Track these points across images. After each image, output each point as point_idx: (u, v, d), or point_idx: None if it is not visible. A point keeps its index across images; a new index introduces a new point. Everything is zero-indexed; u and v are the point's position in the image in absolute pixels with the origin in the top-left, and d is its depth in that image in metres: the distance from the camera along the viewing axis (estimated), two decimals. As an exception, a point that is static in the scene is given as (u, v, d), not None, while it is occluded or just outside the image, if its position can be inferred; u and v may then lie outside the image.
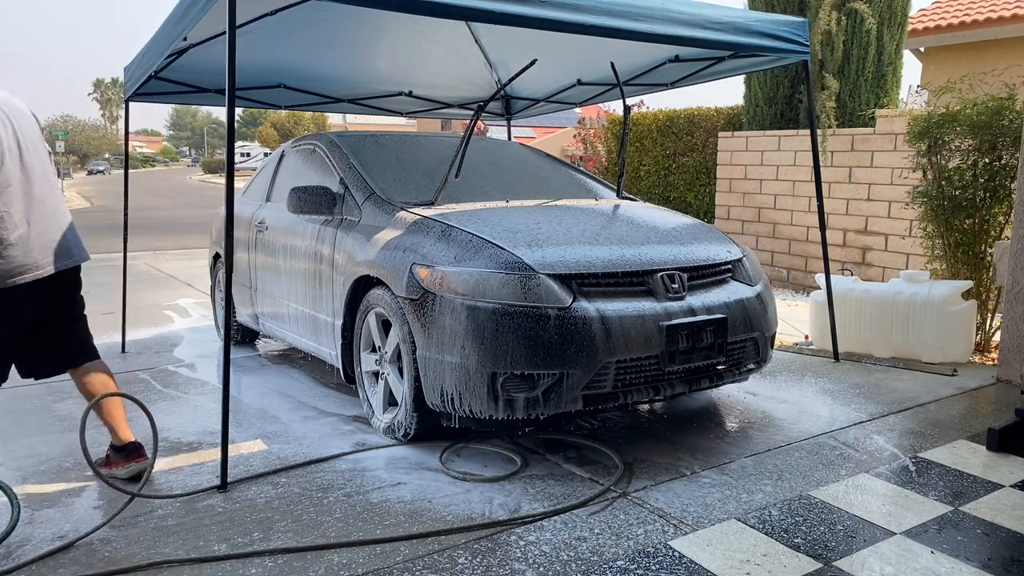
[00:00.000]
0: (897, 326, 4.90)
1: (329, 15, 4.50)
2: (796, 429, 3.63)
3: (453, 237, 3.32)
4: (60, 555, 2.48)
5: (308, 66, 5.62)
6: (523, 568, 2.38)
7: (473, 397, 3.05)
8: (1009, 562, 2.41)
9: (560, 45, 5.04)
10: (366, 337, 3.68)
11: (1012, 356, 4.34)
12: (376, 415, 3.64)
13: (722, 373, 3.46)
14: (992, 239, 5.08)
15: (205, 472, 3.16)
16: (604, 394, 3.13)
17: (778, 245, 8.11)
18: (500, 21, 3.36)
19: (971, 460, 3.24)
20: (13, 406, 4.03)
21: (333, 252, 3.86)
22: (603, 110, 16.69)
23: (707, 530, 2.61)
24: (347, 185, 4.03)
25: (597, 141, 13.53)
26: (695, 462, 3.23)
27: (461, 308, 3.06)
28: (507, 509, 2.79)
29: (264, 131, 57.54)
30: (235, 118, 3.02)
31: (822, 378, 4.51)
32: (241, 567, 2.40)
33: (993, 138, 4.90)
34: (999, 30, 10.57)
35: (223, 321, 3.66)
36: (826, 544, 2.52)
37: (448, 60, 5.89)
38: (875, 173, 7.08)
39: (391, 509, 2.80)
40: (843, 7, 7.69)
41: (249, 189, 5.40)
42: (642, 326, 3.12)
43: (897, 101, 8.13)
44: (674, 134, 10.55)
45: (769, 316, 3.65)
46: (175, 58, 4.80)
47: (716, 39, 4.02)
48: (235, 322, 5.42)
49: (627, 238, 3.47)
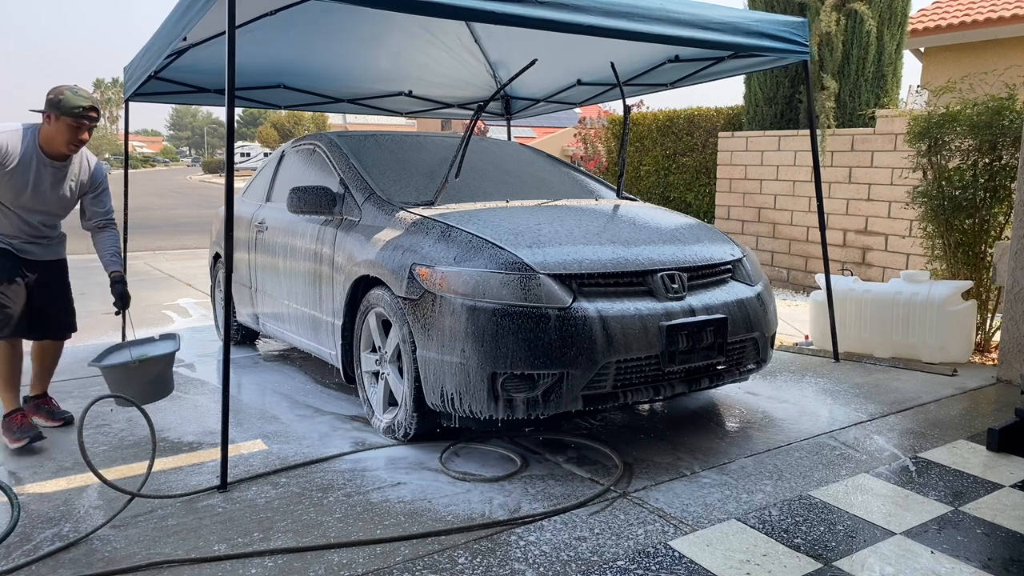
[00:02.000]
0: (897, 326, 4.90)
1: (329, 15, 4.50)
2: (796, 429, 3.63)
3: (453, 237, 3.32)
4: (60, 555, 2.48)
5: (308, 66, 5.62)
6: (523, 568, 2.38)
7: (473, 397, 3.05)
8: (1009, 562, 2.41)
9: (560, 45, 5.05)
10: (366, 337, 3.68)
11: (1012, 356, 4.34)
12: (376, 415, 3.64)
13: (722, 373, 3.46)
14: (992, 239, 5.08)
15: (205, 472, 3.16)
16: (604, 394, 3.13)
17: (778, 245, 8.11)
18: (500, 21, 3.36)
19: (971, 460, 3.24)
20: (13, 406, 4.03)
21: (333, 252, 3.86)
22: (603, 110, 16.69)
23: (707, 530, 2.61)
24: (347, 185, 4.03)
25: (597, 141, 13.53)
26: (695, 462, 3.23)
27: (461, 308, 3.06)
28: (507, 509, 2.79)
29: (264, 131, 57.50)
30: (235, 118, 3.02)
31: (822, 378, 4.51)
32: (241, 567, 2.40)
33: (993, 138, 4.90)
34: (999, 30, 10.58)
35: (223, 321, 3.66)
36: (826, 544, 2.52)
37: (448, 60, 5.89)
38: (875, 173, 7.08)
39: (391, 509, 2.80)
40: (843, 7, 7.70)
41: (249, 189, 5.40)
42: (642, 326, 3.12)
43: (897, 101, 8.13)
44: (674, 134, 10.56)
45: (769, 316, 3.65)
46: (175, 58, 4.81)
47: (716, 39, 4.02)
48: (235, 322, 5.42)
49: (627, 238, 3.47)
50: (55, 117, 3.34)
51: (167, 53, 4.23)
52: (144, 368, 3.40)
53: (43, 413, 3.73)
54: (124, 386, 3.37)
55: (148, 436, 3.50)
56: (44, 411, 3.74)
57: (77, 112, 3.33)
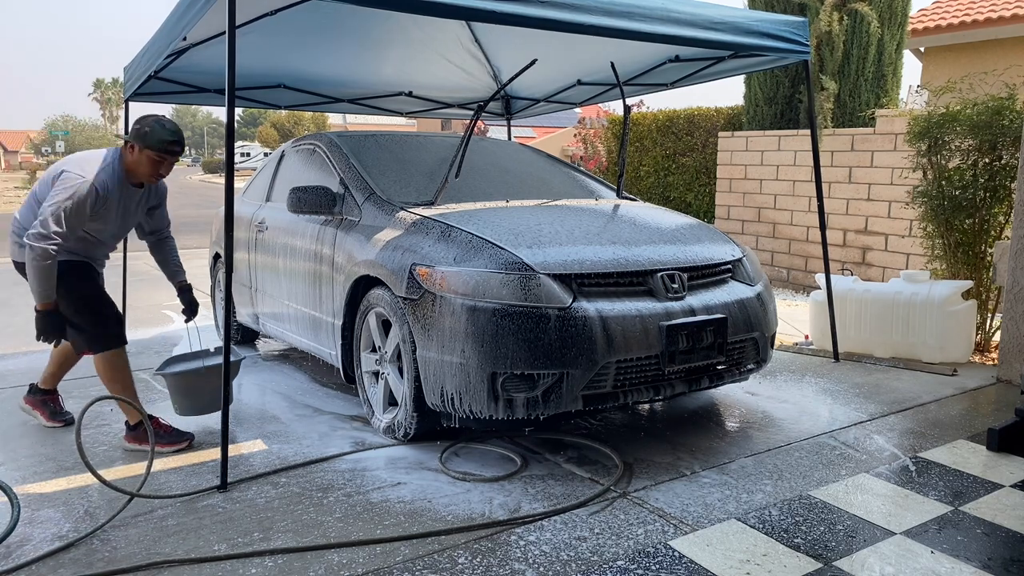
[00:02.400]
0: (897, 326, 4.90)
1: (329, 15, 4.50)
2: (796, 429, 3.63)
3: (453, 237, 3.32)
4: (60, 555, 2.48)
5: (308, 66, 5.62)
6: (523, 568, 2.38)
7: (473, 397, 3.05)
8: (1009, 562, 2.41)
9: (560, 45, 5.05)
10: (366, 337, 3.68)
11: (1012, 356, 4.34)
12: (376, 415, 3.64)
13: (722, 373, 3.46)
14: (992, 239, 5.08)
15: (205, 472, 3.16)
16: (604, 394, 3.13)
17: (778, 245, 8.11)
18: (500, 21, 3.36)
19: (971, 460, 3.24)
20: (13, 406, 4.03)
21: (333, 252, 3.86)
22: (603, 110, 16.71)
23: (707, 530, 2.61)
24: (347, 185, 4.03)
25: (597, 141, 13.53)
26: (695, 462, 3.23)
27: (461, 308, 3.06)
28: (507, 509, 2.79)
29: (264, 131, 57.46)
30: (235, 118, 3.02)
31: (822, 378, 4.51)
32: (241, 567, 2.40)
33: (993, 138, 4.90)
34: (999, 30, 10.57)
35: (223, 321, 3.66)
36: (826, 544, 2.52)
37: (448, 60, 5.89)
38: (875, 173, 7.08)
39: (391, 509, 2.80)
40: (843, 7, 7.70)
41: (249, 189, 5.39)
42: (642, 326, 3.12)
43: (897, 101, 8.13)
44: (674, 134, 10.56)
45: (769, 316, 3.65)
46: (175, 58, 4.80)
47: (716, 39, 4.02)
48: (235, 322, 5.42)
49: (627, 238, 3.47)
50: (139, 148, 3.25)
51: (167, 53, 4.23)
52: (209, 376, 3.47)
53: (47, 411, 3.74)
54: (190, 394, 3.45)
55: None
56: (48, 409, 3.75)
57: (162, 146, 3.26)
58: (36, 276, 3.14)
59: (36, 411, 3.74)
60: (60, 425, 3.72)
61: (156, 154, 3.26)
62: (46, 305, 3.20)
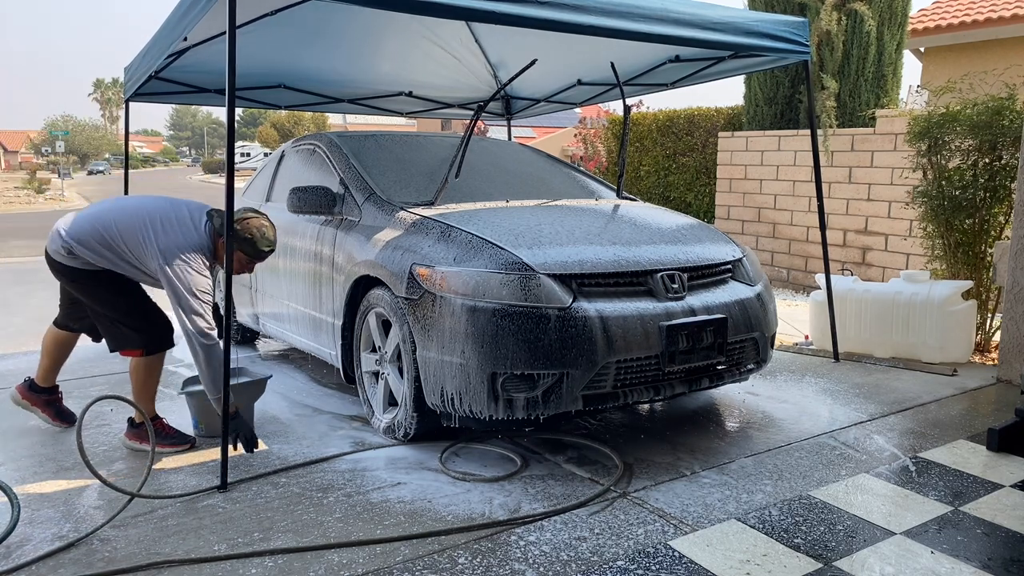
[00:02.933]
0: (897, 326, 4.90)
1: (329, 15, 4.50)
2: (796, 429, 3.63)
3: (453, 237, 3.32)
4: (60, 555, 2.48)
5: (308, 66, 5.62)
6: (523, 568, 2.38)
7: (473, 397, 3.05)
8: (1009, 562, 2.41)
9: (560, 45, 5.04)
10: (366, 337, 3.68)
11: (1012, 356, 4.34)
12: (376, 415, 3.64)
13: (722, 373, 3.46)
14: (992, 239, 5.08)
15: (205, 472, 3.16)
16: (604, 394, 3.13)
17: (778, 245, 8.11)
18: (500, 21, 3.36)
19: (971, 460, 3.24)
20: (13, 406, 4.03)
21: (333, 252, 3.86)
22: (603, 110, 16.70)
23: (707, 530, 2.61)
24: (347, 185, 4.03)
25: (597, 141, 13.53)
26: (695, 462, 3.23)
27: (461, 308, 3.06)
28: (507, 509, 2.79)
29: (264, 131, 57.47)
30: (235, 118, 3.02)
31: (822, 378, 4.51)
32: (241, 567, 2.40)
33: (993, 138, 4.90)
34: (999, 30, 10.57)
35: (223, 321, 3.65)
36: (826, 544, 2.52)
37: (448, 60, 5.89)
38: (875, 173, 7.08)
39: (391, 509, 2.80)
40: (843, 7, 7.70)
41: (249, 189, 5.40)
42: (642, 326, 3.12)
43: (897, 101, 8.13)
44: (674, 134, 10.56)
45: (769, 316, 3.65)
46: (175, 58, 4.80)
47: (716, 39, 4.02)
48: (235, 322, 5.42)
49: (627, 238, 3.47)
50: (235, 247, 3.24)
51: (168, 53, 4.23)
52: (238, 396, 3.41)
53: (52, 411, 3.73)
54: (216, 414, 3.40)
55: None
56: (54, 409, 3.74)
57: (260, 257, 3.34)
58: (209, 364, 3.16)
59: (39, 409, 3.73)
60: (66, 427, 3.72)
61: (250, 260, 3.35)
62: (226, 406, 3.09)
